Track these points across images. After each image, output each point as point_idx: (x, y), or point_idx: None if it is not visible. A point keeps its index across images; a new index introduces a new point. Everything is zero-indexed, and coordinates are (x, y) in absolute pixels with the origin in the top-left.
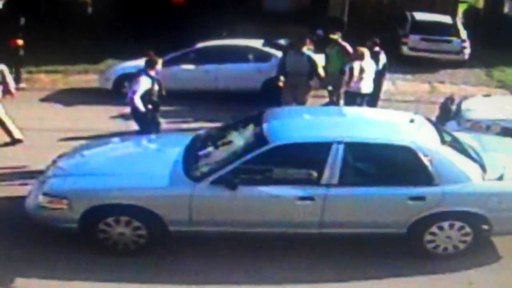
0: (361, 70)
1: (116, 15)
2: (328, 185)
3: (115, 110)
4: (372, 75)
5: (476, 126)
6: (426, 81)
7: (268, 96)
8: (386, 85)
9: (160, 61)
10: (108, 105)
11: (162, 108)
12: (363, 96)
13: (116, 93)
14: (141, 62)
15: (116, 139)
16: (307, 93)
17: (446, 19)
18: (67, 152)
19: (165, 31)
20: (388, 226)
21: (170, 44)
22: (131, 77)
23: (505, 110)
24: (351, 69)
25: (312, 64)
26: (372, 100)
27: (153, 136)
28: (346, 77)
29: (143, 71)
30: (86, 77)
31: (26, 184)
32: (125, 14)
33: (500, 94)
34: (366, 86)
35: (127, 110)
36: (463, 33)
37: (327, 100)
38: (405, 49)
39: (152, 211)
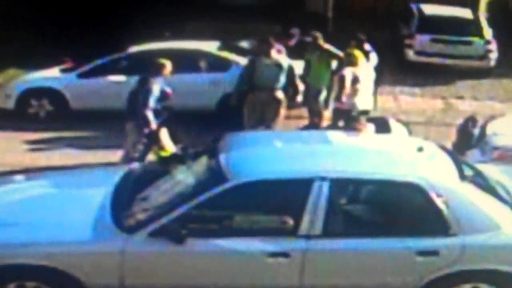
0: (355, 80)
1: (21, 10)
2: (308, 237)
3: (18, 137)
4: (371, 87)
5: (507, 156)
6: (439, 96)
7: (227, 117)
8: (385, 100)
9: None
10: (8, 130)
11: (79, 134)
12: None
13: (20, 114)
14: (53, 73)
15: (19, 177)
16: (279, 112)
17: (465, 13)
18: None
19: (87, 31)
20: None
21: (92, 47)
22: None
23: None
24: (342, 78)
25: (289, 74)
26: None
27: (71, 172)
28: (334, 90)
29: None
30: None
31: None
32: (34, 8)
33: None
34: (364, 102)
35: (33, 137)
36: (488, 32)
37: (306, 122)
38: (410, 54)
39: (70, 274)
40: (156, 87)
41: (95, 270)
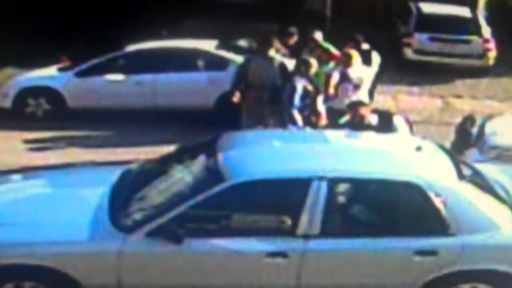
0: (344, 78)
1: (18, 9)
2: (306, 237)
3: (16, 136)
4: (367, 85)
5: (505, 155)
6: (437, 95)
7: (225, 116)
8: (384, 99)
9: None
10: (5, 129)
11: (77, 133)
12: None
13: (17, 113)
14: (50, 72)
15: (16, 177)
16: (277, 111)
17: (464, 11)
18: None
19: (85, 30)
20: None
21: (90, 46)
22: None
23: None
24: (328, 77)
25: (284, 72)
26: None
27: (68, 172)
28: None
29: None
30: None
31: None
32: (31, 7)
33: None
34: None
35: (30, 136)
36: (487, 31)
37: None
38: (409, 53)
39: (67, 274)
40: (300, 85)
41: (93, 270)
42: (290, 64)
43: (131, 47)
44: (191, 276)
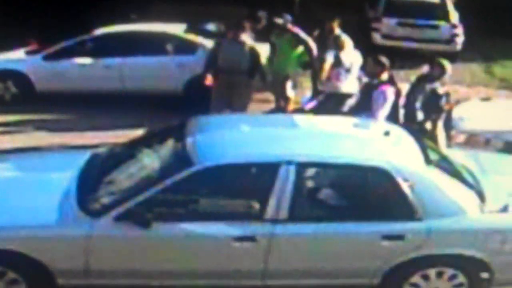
0: (337, 62)
1: None
2: (274, 221)
3: None
4: (357, 70)
5: (472, 140)
6: (405, 80)
7: (194, 100)
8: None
9: None
10: None
11: (45, 117)
12: (342, 98)
13: None
14: (18, 55)
15: None
16: (247, 96)
17: None
18: None
19: (52, 12)
20: (355, 276)
21: (58, 29)
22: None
23: (510, 118)
24: (322, 61)
25: (255, 57)
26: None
27: (36, 156)
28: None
29: None
30: None
31: None
32: None
33: (504, 96)
34: (347, 85)
35: None
36: (454, 16)
37: (273, 105)
38: (377, 37)
39: (34, 258)
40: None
41: (60, 254)
42: (261, 49)
43: (100, 31)
44: (159, 260)
